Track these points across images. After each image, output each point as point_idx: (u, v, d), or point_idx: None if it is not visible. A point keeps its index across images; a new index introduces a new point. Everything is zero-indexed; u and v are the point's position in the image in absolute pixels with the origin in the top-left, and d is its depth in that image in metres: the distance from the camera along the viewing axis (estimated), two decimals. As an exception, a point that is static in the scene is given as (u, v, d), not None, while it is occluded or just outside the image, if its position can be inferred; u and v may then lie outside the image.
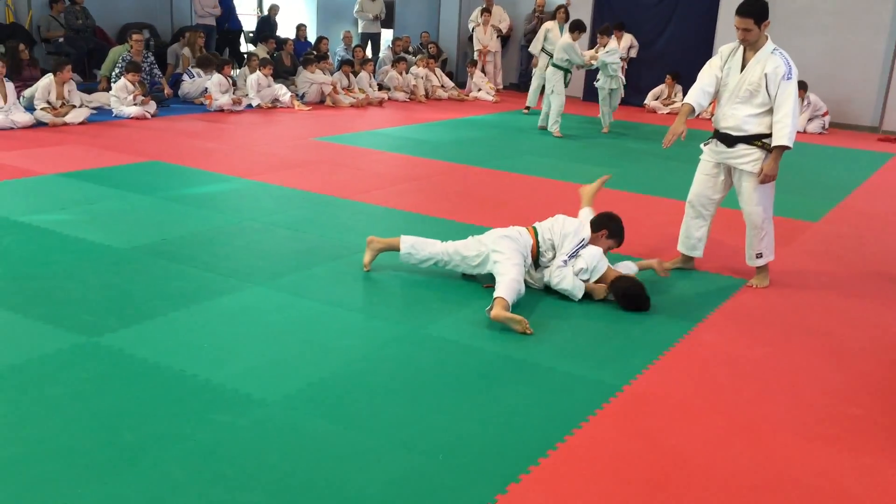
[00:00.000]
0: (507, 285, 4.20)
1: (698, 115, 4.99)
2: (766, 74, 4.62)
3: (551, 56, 11.99)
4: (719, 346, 4.08)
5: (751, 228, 4.94)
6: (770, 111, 4.67)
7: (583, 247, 4.54)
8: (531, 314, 4.24)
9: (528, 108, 12.56)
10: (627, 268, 4.69)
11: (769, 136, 4.68)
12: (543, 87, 11.35)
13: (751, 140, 4.74)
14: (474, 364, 3.69)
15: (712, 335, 4.21)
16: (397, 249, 4.75)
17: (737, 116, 4.75)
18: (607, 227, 4.69)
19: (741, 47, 4.76)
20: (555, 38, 11.96)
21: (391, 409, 3.21)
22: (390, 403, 3.26)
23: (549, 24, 12.01)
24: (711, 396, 3.52)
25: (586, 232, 4.60)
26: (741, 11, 4.61)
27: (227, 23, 13.77)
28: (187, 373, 3.39)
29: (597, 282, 4.55)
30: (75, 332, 3.73)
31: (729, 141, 4.82)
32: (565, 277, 4.47)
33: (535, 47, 12.21)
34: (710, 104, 5.19)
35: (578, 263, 4.49)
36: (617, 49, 10.69)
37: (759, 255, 4.96)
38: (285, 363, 3.56)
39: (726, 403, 3.46)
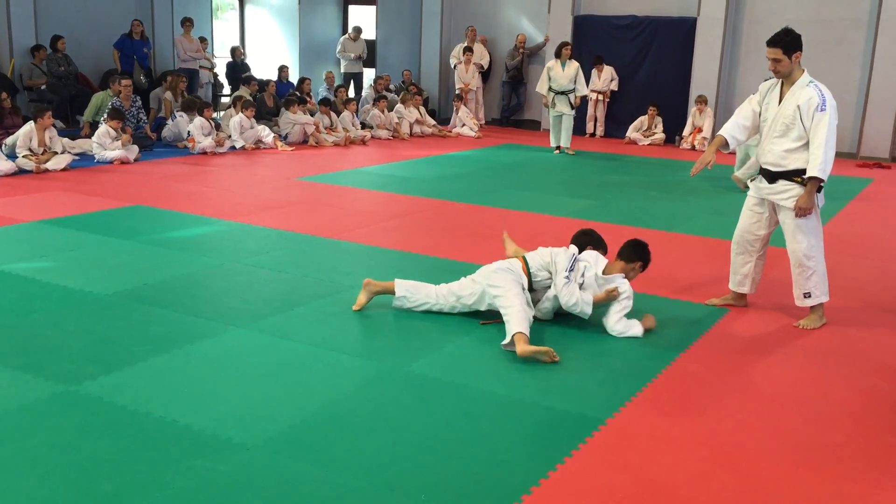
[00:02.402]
0: (518, 317, 4.20)
1: (732, 149, 5.05)
2: (798, 106, 4.60)
3: (558, 93, 11.88)
4: (702, 376, 4.08)
5: (795, 266, 4.83)
6: (808, 145, 4.62)
7: (576, 261, 4.60)
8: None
9: (558, 148, 12.17)
10: (648, 321, 4.60)
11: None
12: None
13: (790, 176, 4.70)
14: (457, 401, 3.68)
15: (695, 365, 4.22)
16: (392, 293, 4.75)
17: (775, 152, 4.73)
18: (588, 243, 4.81)
19: (779, 82, 4.78)
20: (557, 76, 11.88)
21: (374, 450, 3.19)
22: (373, 444, 3.24)
23: (550, 63, 11.96)
24: (694, 427, 3.52)
25: (574, 249, 4.67)
26: (770, 42, 4.67)
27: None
28: (167, 419, 3.37)
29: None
30: (54, 380, 3.70)
31: (770, 177, 4.79)
32: (573, 294, 4.48)
33: (541, 87, 11.99)
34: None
35: (577, 277, 4.54)
36: None
37: (808, 295, 4.81)
38: (267, 406, 3.54)
39: (709, 434, 3.46)
